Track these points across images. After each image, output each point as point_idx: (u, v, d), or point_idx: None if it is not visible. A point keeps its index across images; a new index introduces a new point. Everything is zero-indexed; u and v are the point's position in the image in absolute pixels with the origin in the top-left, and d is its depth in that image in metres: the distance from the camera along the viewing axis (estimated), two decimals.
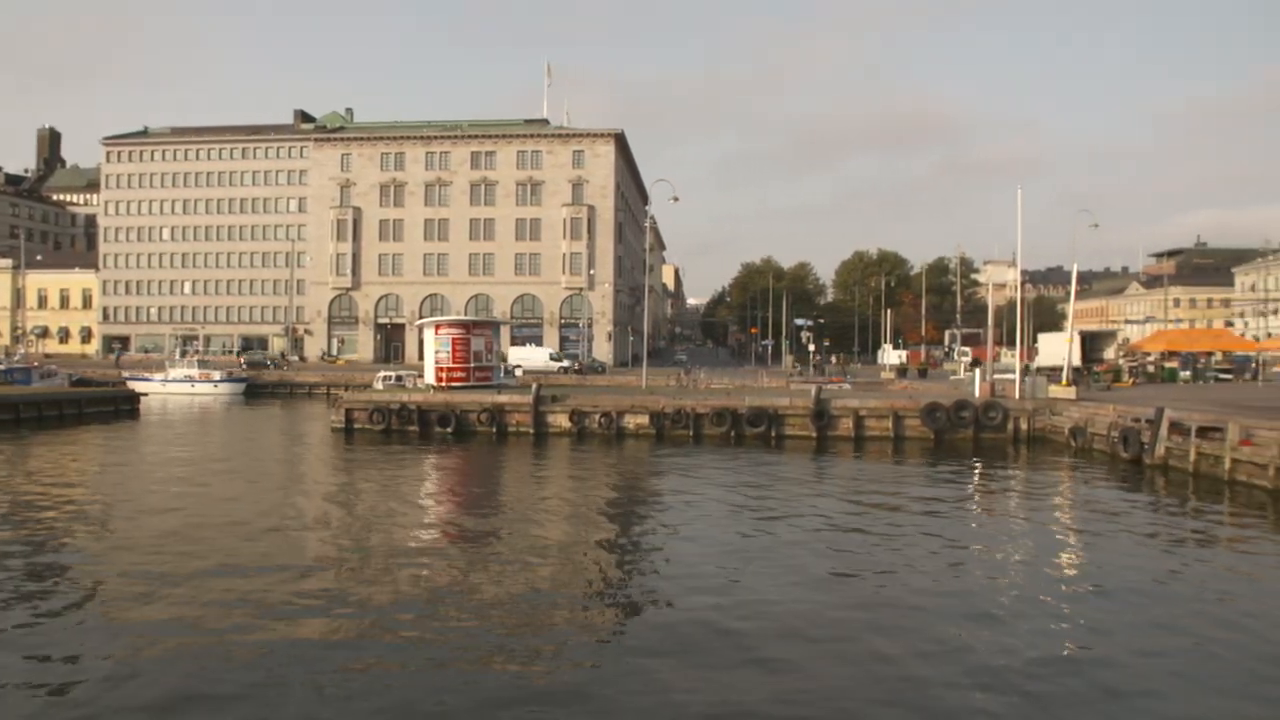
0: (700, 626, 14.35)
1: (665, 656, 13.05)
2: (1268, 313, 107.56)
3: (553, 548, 19.99)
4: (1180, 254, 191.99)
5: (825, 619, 14.87)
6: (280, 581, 16.84)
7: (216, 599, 15.52)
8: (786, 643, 13.65)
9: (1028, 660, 12.97)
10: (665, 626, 14.51)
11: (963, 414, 41.69)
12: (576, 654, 13.28)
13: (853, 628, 14.42)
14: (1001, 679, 12.25)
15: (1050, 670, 12.61)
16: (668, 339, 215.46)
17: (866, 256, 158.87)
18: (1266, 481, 26.95)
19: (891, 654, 13.16)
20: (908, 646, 13.46)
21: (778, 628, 14.36)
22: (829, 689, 11.89)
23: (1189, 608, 15.65)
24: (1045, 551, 20.33)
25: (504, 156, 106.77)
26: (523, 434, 42.54)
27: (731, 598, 16.04)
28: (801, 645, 13.55)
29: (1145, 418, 34.13)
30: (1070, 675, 12.42)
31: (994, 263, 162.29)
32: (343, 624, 14.37)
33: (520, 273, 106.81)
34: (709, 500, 26.26)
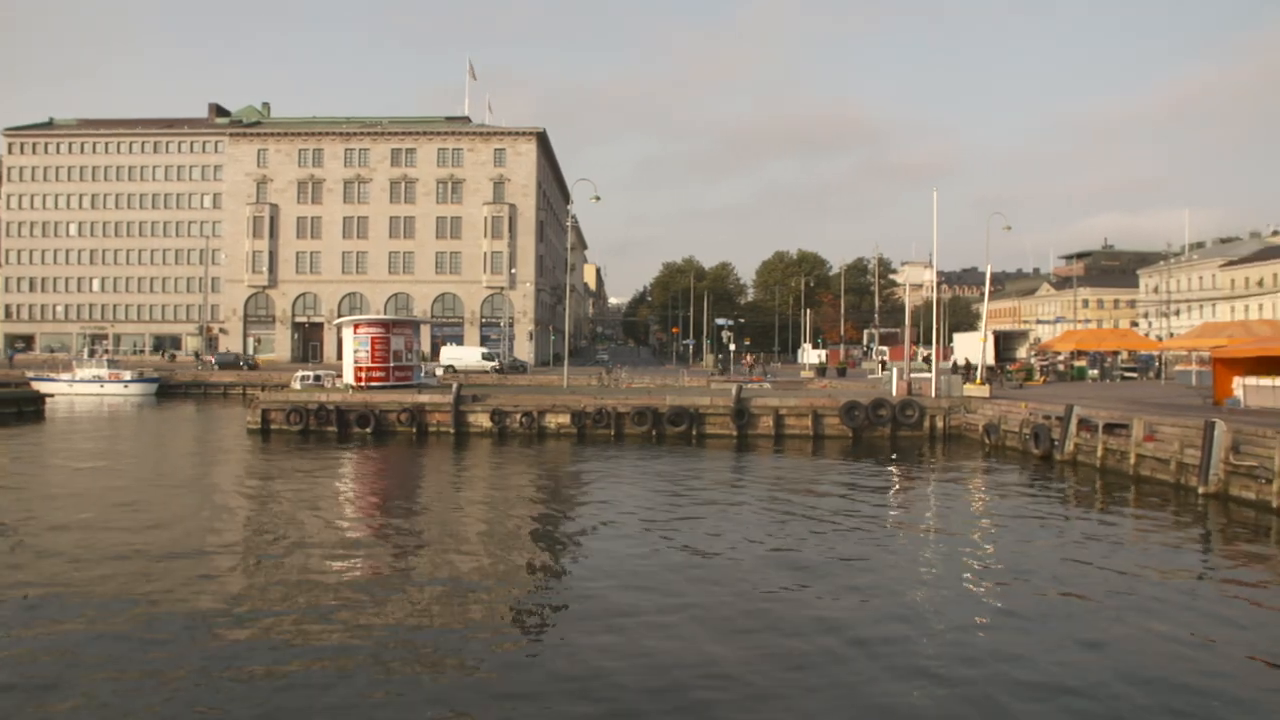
0: (625, 624, 14.48)
1: (589, 654, 13.17)
2: (1170, 313, 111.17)
3: (473, 549, 19.96)
4: (1088, 256, 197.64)
5: (744, 615, 15.09)
6: (192, 589, 16.55)
7: (123, 608, 15.23)
8: (705, 637, 13.84)
9: (943, 651, 13.33)
10: (588, 625, 14.61)
11: (880, 412, 42.47)
12: (501, 655, 13.32)
13: (773, 623, 14.66)
14: (915, 668, 12.58)
15: (964, 659, 12.98)
16: (589, 338, 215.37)
17: (787, 257, 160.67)
18: (1168, 476, 27.97)
19: (813, 648, 13.42)
20: (830, 641, 13.74)
21: (698, 625, 14.55)
22: (747, 681, 12.09)
23: (1095, 597, 16.19)
24: (959, 545, 20.86)
25: (425, 154, 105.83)
26: (443, 434, 42.31)
27: (654, 595, 16.19)
28: (720, 639, 13.74)
29: (1055, 415, 35.17)
30: (985, 664, 12.80)
31: (911, 263, 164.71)
32: (260, 629, 14.21)
33: (441, 271, 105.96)
34: (630, 499, 26.43)
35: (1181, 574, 18.29)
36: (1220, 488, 25.49)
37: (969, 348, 64.01)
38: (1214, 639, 14.10)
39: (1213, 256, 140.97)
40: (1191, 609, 15.77)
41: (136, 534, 21.04)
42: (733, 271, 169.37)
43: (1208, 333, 62.71)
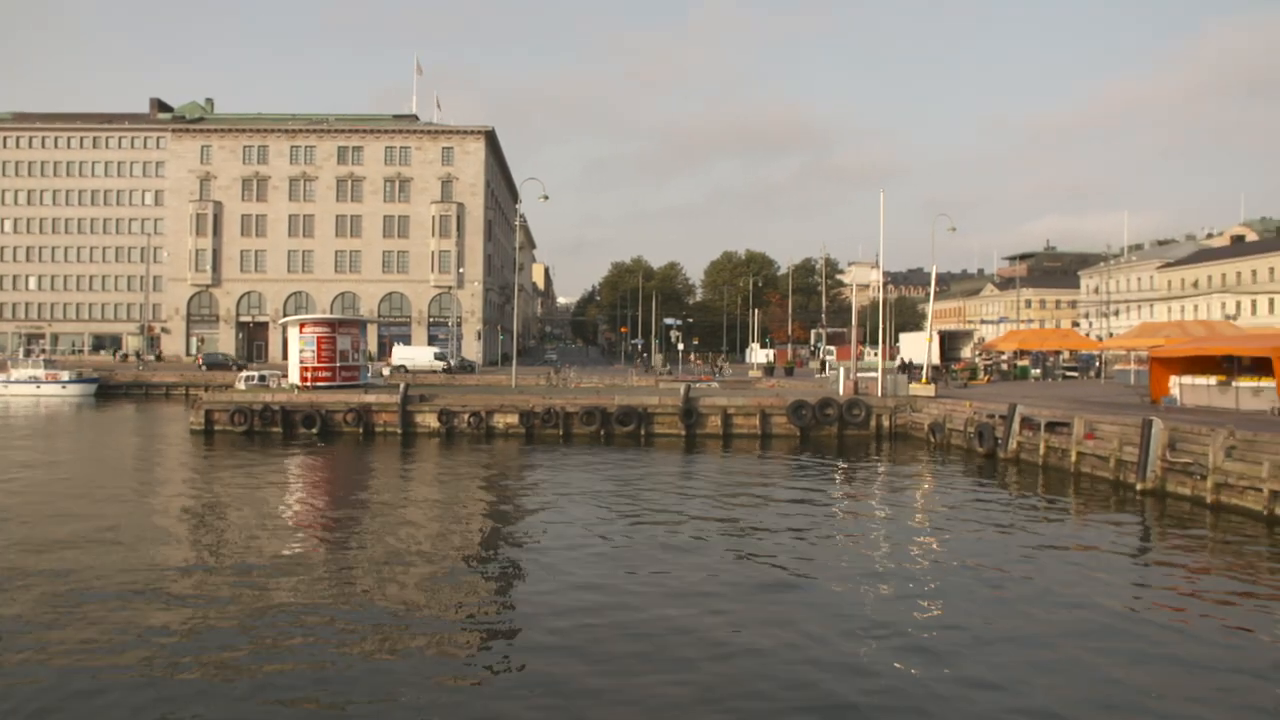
0: (573, 624, 14.49)
1: (537, 653, 13.17)
2: (1109, 314, 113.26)
3: (420, 551, 19.84)
4: (1031, 257, 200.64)
5: (691, 614, 15.15)
6: (132, 594, 16.28)
7: (58, 615, 14.96)
8: (653, 635, 13.89)
9: (888, 645, 13.50)
10: (535, 625, 14.61)
11: (827, 411, 42.83)
12: (447, 656, 13.27)
13: (722, 620, 14.75)
14: (861, 664, 12.73)
15: (909, 652, 13.15)
16: (538, 338, 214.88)
17: (735, 257, 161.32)
18: (1108, 473, 28.53)
19: (765, 645, 13.52)
20: (780, 637, 13.85)
21: (647, 623, 14.60)
22: (695, 683, 12.15)
23: (1036, 591, 16.47)
24: (904, 542, 21.13)
25: (372, 152, 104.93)
26: (390, 434, 42.01)
27: (603, 595, 16.23)
28: (666, 638, 13.80)
29: (999, 414, 35.70)
30: (927, 656, 12.98)
31: (858, 264, 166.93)
32: (202, 634, 14.04)
33: (388, 270, 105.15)
34: (579, 499, 26.42)
35: (1120, 567, 18.66)
36: (1157, 484, 26.04)
37: (915, 347, 64.80)
38: (1149, 632, 14.41)
39: (1150, 258, 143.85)
40: (1129, 601, 16.08)
41: (72, 541, 20.63)
42: (681, 271, 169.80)
43: (1145, 333, 64.00)
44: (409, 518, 23.65)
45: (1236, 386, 34.47)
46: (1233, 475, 23.65)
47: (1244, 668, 12.87)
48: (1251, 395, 33.67)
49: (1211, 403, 35.20)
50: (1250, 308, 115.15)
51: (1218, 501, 23.86)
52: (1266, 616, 15.45)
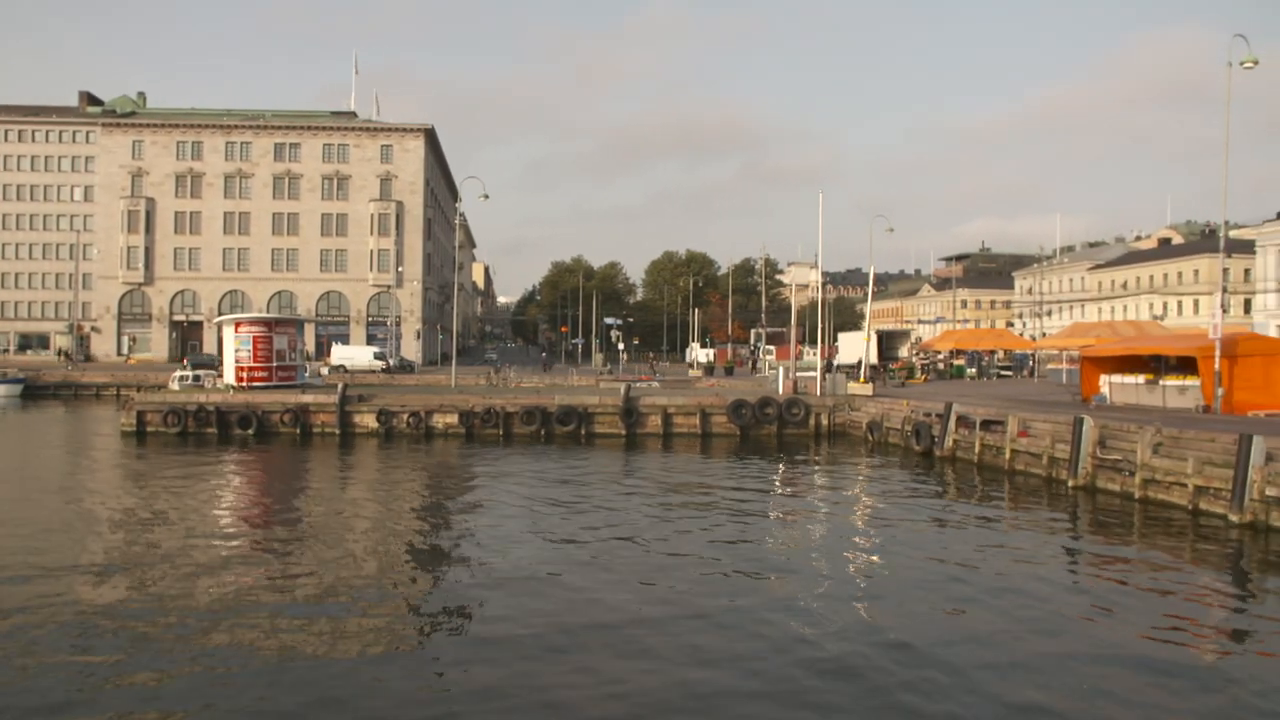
0: (514, 625, 14.45)
1: (476, 652, 13.11)
2: (1042, 314, 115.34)
3: (359, 553, 19.65)
4: (967, 258, 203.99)
5: (630, 613, 15.18)
6: (59, 601, 15.97)
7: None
8: (593, 634, 13.90)
9: (828, 642, 13.63)
10: (473, 626, 14.55)
11: (767, 410, 43.14)
12: (390, 661, 13.16)
13: (663, 623, 14.78)
14: (802, 658, 12.85)
15: (849, 648, 13.30)
16: (478, 337, 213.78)
17: (675, 257, 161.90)
18: (1041, 470, 29.08)
19: (708, 642, 13.58)
20: (725, 635, 13.92)
21: (588, 622, 14.60)
22: (634, 685, 12.18)
23: (973, 587, 16.74)
24: (843, 539, 21.36)
25: (309, 149, 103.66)
26: (328, 435, 41.52)
27: (543, 595, 16.20)
28: (607, 638, 13.81)
29: (936, 412, 36.22)
30: (868, 650, 13.14)
31: (797, 264, 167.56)
32: (135, 639, 13.77)
33: (326, 269, 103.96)
34: (519, 499, 26.32)
35: (1052, 562, 19.03)
36: (1088, 480, 26.60)
37: (853, 347, 65.43)
38: (1080, 619, 14.73)
39: (1082, 260, 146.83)
40: (1060, 593, 16.41)
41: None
42: (622, 271, 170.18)
43: (1077, 333, 65.33)
44: (347, 520, 23.40)
45: (1163, 385, 35.32)
46: (1160, 471, 24.24)
47: (1166, 659, 13.20)
48: (1178, 393, 34.52)
49: (1140, 401, 36.03)
50: (1177, 308, 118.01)
51: (1145, 497, 24.44)
52: (1191, 608, 15.86)
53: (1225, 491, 21.88)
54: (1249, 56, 31.41)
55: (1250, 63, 31.48)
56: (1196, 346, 34.02)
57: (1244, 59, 31.52)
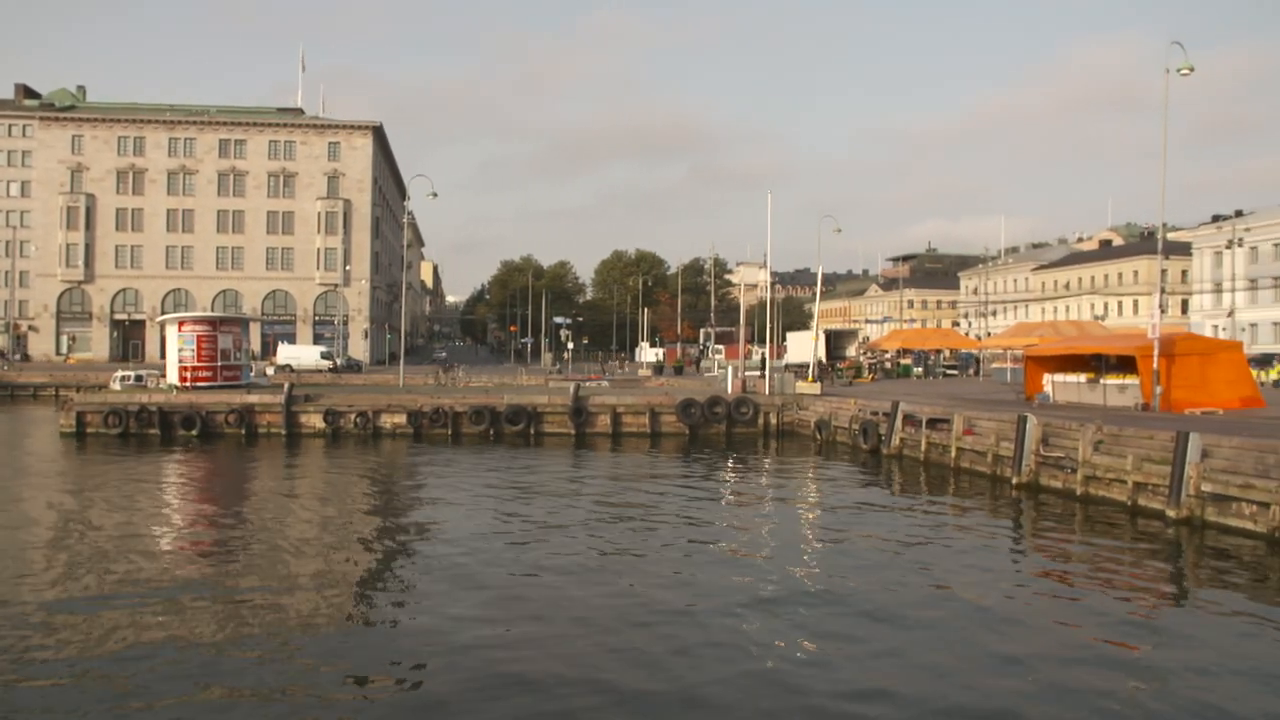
0: (463, 624, 14.41)
1: (420, 658, 13.06)
2: (987, 314, 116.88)
3: (306, 555, 19.45)
4: (914, 259, 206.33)
5: (578, 616, 15.19)
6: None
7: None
8: (539, 639, 13.89)
9: (775, 638, 13.74)
10: (421, 628, 14.48)
11: (716, 409, 43.31)
12: (337, 668, 13.05)
13: (611, 616, 14.80)
14: (751, 656, 12.93)
15: (795, 646, 13.42)
16: (426, 337, 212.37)
17: (625, 256, 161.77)
18: (985, 467, 29.48)
19: (648, 644, 13.62)
20: (673, 632, 13.97)
21: (540, 621, 14.59)
22: (581, 680, 12.19)
23: (916, 582, 16.96)
24: (791, 537, 21.49)
25: (255, 146, 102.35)
26: (274, 435, 41.04)
27: (491, 592, 16.16)
28: (557, 635, 13.80)
29: (882, 411, 36.59)
30: (812, 646, 13.26)
31: (746, 264, 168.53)
32: (65, 647, 13.54)
33: (272, 268, 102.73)
34: (468, 499, 26.21)
35: (995, 558, 19.33)
36: (1031, 478, 27.01)
37: (801, 346, 65.89)
38: (1022, 614, 14.98)
39: (1025, 261, 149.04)
40: (1003, 590, 16.67)
41: None
42: (571, 270, 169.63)
43: (1021, 332, 66.30)
44: (294, 522, 23.15)
45: (1104, 384, 35.95)
46: (1100, 468, 24.68)
47: (1102, 654, 13.45)
48: (1118, 392, 35.16)
49: (1081, 399, 36.65)
50: (1117, 308, 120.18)
51: (1087, 494, 24.87)
52: (1129, 603, 16.17)
53: (1163, 488, 22.31)
54: (1185, 63, 32.07)
55: (1186, 69, 32.14)
56: (1136, 346, 34.67)
57: (1180, 66, 32.18)
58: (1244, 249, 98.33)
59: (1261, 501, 19.92)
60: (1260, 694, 11.78)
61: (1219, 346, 38.18)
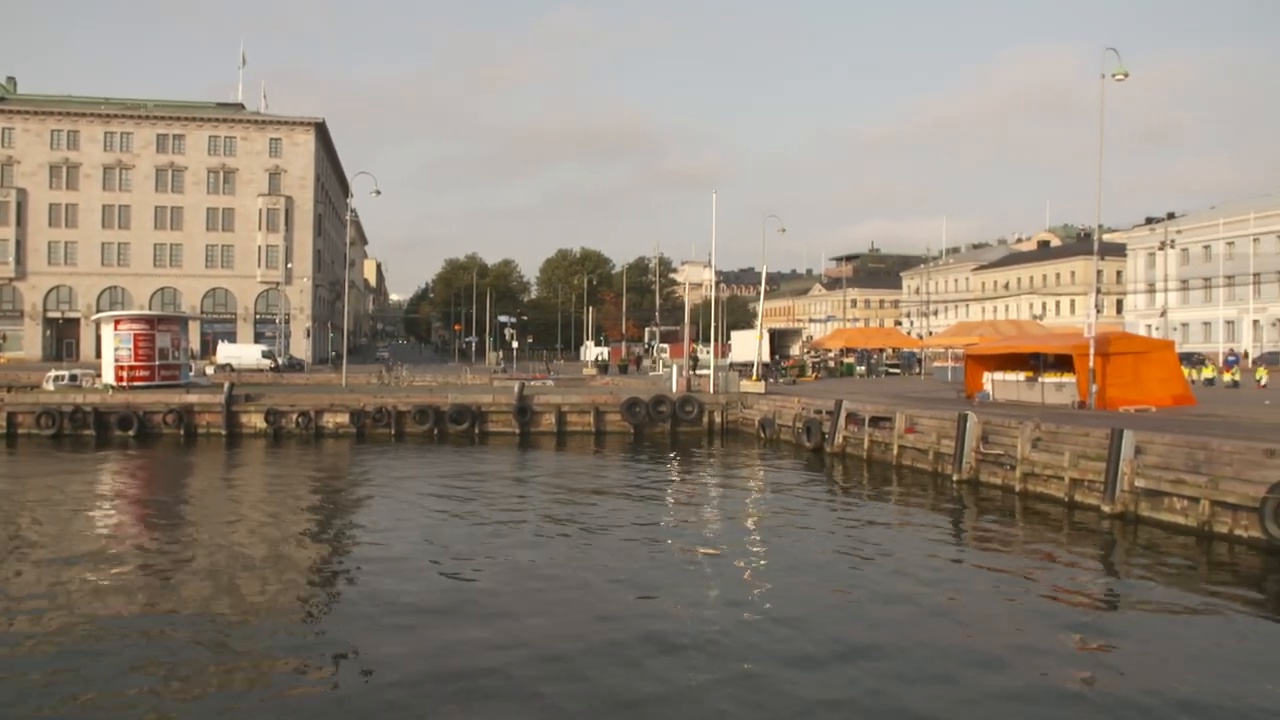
0: (406, 625, 14.32)
1: (366, 661, 12.97)
2: (929, 313, 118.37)
3: (247, 557, 19.19)
4: (857, 259, 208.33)
5: (520, 615, 15.17)
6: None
7: None
8: (483, 639, 13.85)
9: (718, 630, 13.81)
10: (363, 631, 14.38)
11: (661, 408, 43.43)
12: (279, 672, 12.91)
13: (554, 616, 14.80)
14: (686, 649, 12.99)
15: (739, 637, 13.50)
16: (370, 336, 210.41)
17: (570, 255, 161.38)
18: (927, 465, 29.90)
19: (595, 643, 13.64)
20: (618, 632, 14.00)
21: (479, 619, 14.55)
22: (521, 681, 12.18)
23: (858, 577, 17.15)
24: (734, 533, 21.65)
25: (194, 141, 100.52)
26: (214, 436, 40.42)
27: (434, 593, 16.08)
28: (496, 639, 13.77)
29: (826, 410, 36.90)
30: (758, 639, 13.35)
31: (691, 263, 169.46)
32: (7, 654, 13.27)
33: (212, 265, 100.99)
34: (411, 499, 26.03)
35: (936, 553, 19.59)
36: (972, 474, 27.43)
37: (746, 345, 66.24)
38: (960, 608, 15.23)
39: (966, 261, 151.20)
40: (944, 585, 16.93)
41: None
42: (516, 269, 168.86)
43: (961, 332, 67.31)
44: (233, 524, 22.79)
45: (1042, 382, 36.58)
46: (1038, 465, 25.14)
47: (1038, 645, 13.72)
48: (1055, 390, 35.79)
49: (1020, 397, 37.26)
50: (1055, 308, 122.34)
51: (1025, 490, 25.32)
52: (1064, 596, 16.49)
53: (1099, 484, 22.79)
54: (1119, 68, 32.75)
55: (1121, 75, 32.83)
56: (1073, 345, 35.31)
57: (1115, 71, 32.86)
58: (1176, 251, 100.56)
59: (1192, 496, 20.44)
60: (1191, 680, 12.08)
61: (1152, 346, 39.00)
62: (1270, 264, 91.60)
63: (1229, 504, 19.63)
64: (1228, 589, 16.78)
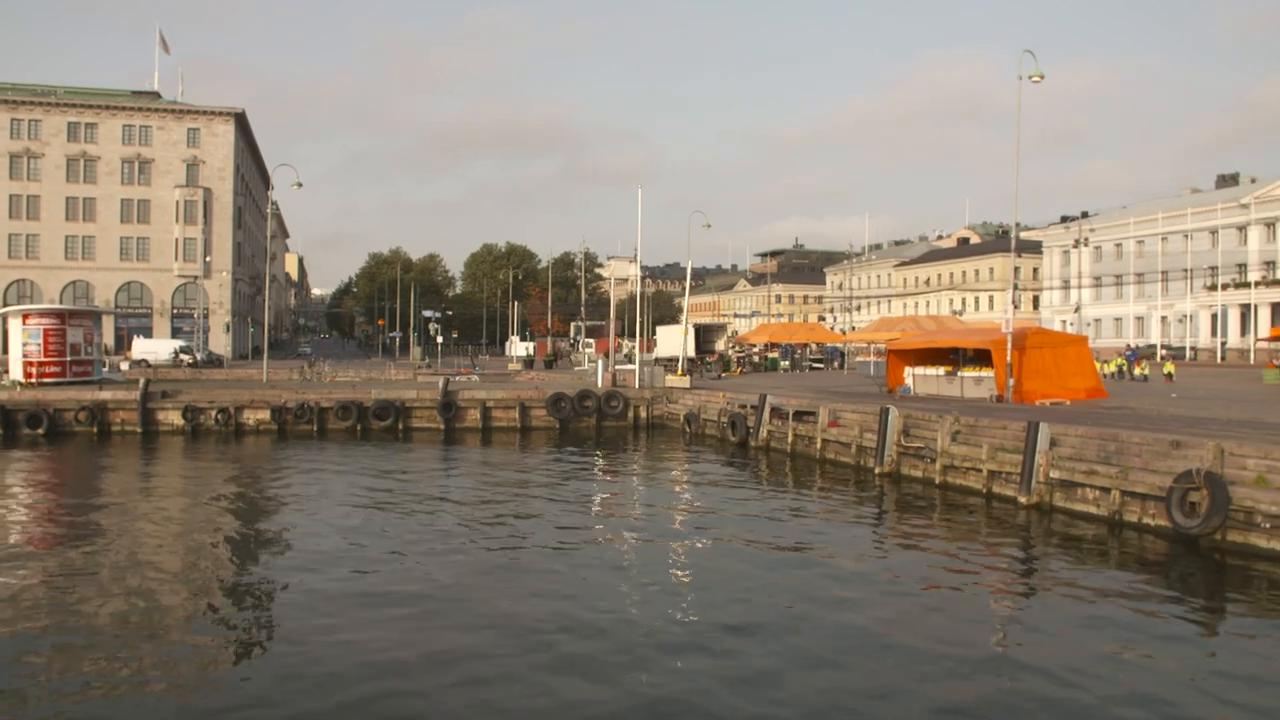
0: (325, 628, 14.15)
1: (288, 662, 12.79)
2: (852, 309, 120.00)
3: (161, 558, 18.79)
4: (781, 254, 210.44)
5: (442, 614, 15.08)
6: None
7: None
8: (406, 638, 13.75)
9: (641, 625, 13.86)
10: (286, 632, 14.18)
11: (586, 403, 43.40)
12: (193, 675, 12.66)
13: (476, 616, 14.73)
14: (616, 652, 13.02)
15: (663, 633, 13.56)
16: (292, 331, 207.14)
17: (495, 250, 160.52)
18: (850, 458, 30.30)
19: (521, 641, 13.60)
20: (541, 627, 13.97)
21: (394, 619, 14.42)
22: (445, 680, 12.11)
23: (780, 570, 17.33)
24: (659, 527, 21.69)
25: (107, 130, 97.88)
26: (129, 433, 39.42)
27: (357, 595, 15.90)
28: (420, 637, 13.68)
29: (750, 404, 37.19)
30: (685, 633, 13.42)
31: (617, 258, 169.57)
32: None
33: (126, 258, 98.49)
34: (333, 497, 25.67)
35: (857, 545, 19.89)
36: (893, 467, 27.88)
37: (671, 340, 66.52)
38: (880, 600, 15.48)
39: (888, 257, 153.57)
40: (865, 576, 17.20)
41: None
42: (441, 263, 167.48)
43: (883, 327, 68.32)
44: (149, 524, 22.22)
45: (961, 376, 37.31)
46: (958, 458, 25.64)
47: (955, 637, 14.01)
48: (974, 384, 36.52)
49: (940, 391, 37.96)
50: (975, 304, 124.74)
51: (945, 482, 25.81)
52: (981, 586, 16.87)
53: (1015, 475, 23.32)
54: (1036, 71, 33.55)
55: (1037, 77, 33.63)
56: (991, 340, 36.06)
57: (1032, 73, 33.65)
58: (1089, 248, 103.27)
59: (1103, 487, 21.03)
60: (1100, 663, 12.41)
61: (1067, 341, 39.98)
62: (1177, 262, 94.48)
63: (1138, 494, 20.23)
64: (1136, 575, 17.32)
